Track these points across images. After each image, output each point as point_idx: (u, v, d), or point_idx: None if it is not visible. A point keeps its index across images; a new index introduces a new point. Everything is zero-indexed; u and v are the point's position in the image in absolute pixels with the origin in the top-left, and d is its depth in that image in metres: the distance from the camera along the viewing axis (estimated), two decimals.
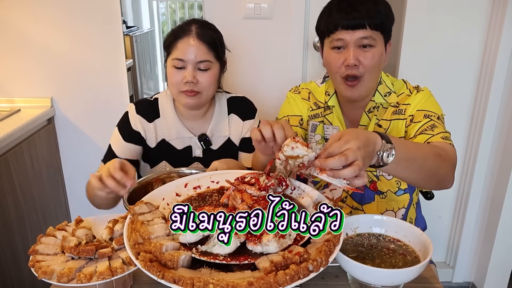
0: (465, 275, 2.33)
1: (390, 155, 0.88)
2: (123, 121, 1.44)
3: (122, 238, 0.86)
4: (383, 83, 1.29)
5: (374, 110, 1.29)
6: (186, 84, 1.32)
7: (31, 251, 0.91)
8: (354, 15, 1.15)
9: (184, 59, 1.31)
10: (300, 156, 0.88)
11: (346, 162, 0.79)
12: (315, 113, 1.37)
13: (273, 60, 2.06)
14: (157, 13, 4.00)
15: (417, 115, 1.22)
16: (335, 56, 1.21)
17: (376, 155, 0.87)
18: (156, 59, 3.99)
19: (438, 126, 1.17)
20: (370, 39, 1.17)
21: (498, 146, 2.06)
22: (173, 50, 1.33)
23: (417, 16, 1.92)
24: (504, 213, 2.05)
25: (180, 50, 1.31)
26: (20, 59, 2.05)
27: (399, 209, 1.33)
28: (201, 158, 1.47)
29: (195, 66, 1.32)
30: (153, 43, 3.91)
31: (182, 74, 1.32)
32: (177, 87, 1.34)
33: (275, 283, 0.70)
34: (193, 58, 1.31)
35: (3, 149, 1.76)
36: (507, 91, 1.97)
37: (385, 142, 0.88)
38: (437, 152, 1.02)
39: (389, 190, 1.30)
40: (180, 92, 1.34)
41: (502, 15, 1.85)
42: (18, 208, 1.86)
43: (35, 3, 1.96)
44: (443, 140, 1.12)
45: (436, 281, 0.96)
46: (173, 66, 1.33)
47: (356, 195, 1.34)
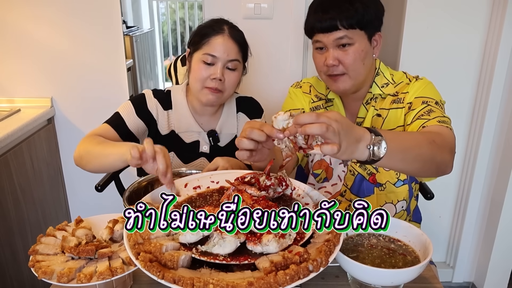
0: (465, 275, 2.33)
1: (381, 148, 0.86)
2: (139, 98, 1.44)
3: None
4: (381, 74, 1.31)
5: (372, 101, 1.31)
6: (213, 80, 1.33)
7: (31, 251, 0.91)
8: (325, 17, 1.18)
9: (216, 55, 1.32)
10: (285, 127, 0.86)
11: (316, 120, 0.78)
12: (316, 105, 1.39)
13: (273, 60, 2.06)
14: (157, 13, 4.00)
15: (415, 102, 1.22)
16: (317, 56, 1.27)
17: (367, 149, 0.86)
18: (156, 59, 4.00)
19: (435, 111, 1.15)
20: (346, 39, 1.19)
21: (498, 146, 2.06)
22: (204, 46, 1.34)
23: (417, 16, 1.92)
24: (504, 213, 2.05)
25: (213, 47, 1.32)
26: (20, 59, 2.05)
27: (398, 202, 1.33)
28: (207, 154, 1.48)
29: (224, 64, 1.34)
30: (153, 43, 3.91)
31: (211, 70, 1.33)
32: (202, 82, 1.34)
33: (275, 283, 0.70)
34: (225, 56, 1.32)
35: (3, 149, 1.76)
36: (507, 91, 1.97)
37: (375, 136, 0.86)
38: (430, 138, 1.00)
39: (388, 181, 1.30)
40: (204, 87, 1.35)
41: (502, 15, 1.85)
42: (18, 208, 1.86)
43: (35, 3, 1.97)
44: (439, 123, 1.10)
45: (436, 281, 0.96)
46: (202, 61, 1.33)
47: (354, 188, 1.34)
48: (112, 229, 0.96)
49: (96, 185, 1.56)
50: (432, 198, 1.51)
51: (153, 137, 1.43)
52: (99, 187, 1.56)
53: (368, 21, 1.20)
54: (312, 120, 0.78)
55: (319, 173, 1.38)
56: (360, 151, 0.85)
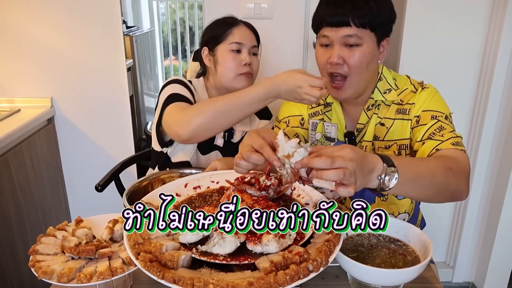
0: (465, 275, 2.33)
1: (392, 178, 0.84)
2: (178, 80, 1.48)
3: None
4: (384, 79, 1.25)
5: (373, 108, 1.26)
6: (244, 66, 1.45)
7: (31, 251, 0.91)
8: (338, 12, 1.11)
9: (242, 42, 1.45)
10: (290, 154, 0.85)
11: (331, 165, 0.76)
12: (314, 111, 1.35)
13: (273, 60, 2.06)
14: (157, 13, 3.99)
15: (424, 116, 1.18)
16: (321, 53, 1.19)
17: (377, 179, 0.84)
18: (156, 59, 3.99)
19: (446, 128, 1.13)
20: (355, 38, 1.12)
21: (498, 146, 2.06)
22: (227, 37, 1.46)
23: (417, 16, 1.92)
24: (504, 213, 2.05)
25: (238, 35, 1.46)
26: (20, 59, 2.05)
27: (399, 214, 1.31)
28: (221, 148, 1.53)
29: (250, 51, 1.47)
30: (153, 43, 3.91)
31: (239, 57, 1.45)
32: (235, 70, 1.45)
33: (275, 283, 0.70)
34: (249, 42, 1.47)
35: (3, 149, 1.76)
36: (507, 91, 1.97)
37: (387, 166, 0.85)
38: (447, 165, 0.98)
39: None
40: (237, 75, 1.46)
41: (502, 15, 1.85)
42: (18, 208, 1.86)
43: (35, 3, 1.97)
44: (454, 146, 1.07)
45: (436, 281, 0.96)
46: (230, 50, 1.45)
47: (355, 196, 1.32)
48: (112, 229, 0.96)
49: (96, 185, 1.56)
50: None
51: None
52: (99, 187, 1.56)
53: (380, 24, 1.14)
54: (327, 166, 0.77)
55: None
56: (372, 181, 0.85)
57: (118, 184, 1.67)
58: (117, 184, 1.67)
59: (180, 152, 1.48)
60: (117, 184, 1.67)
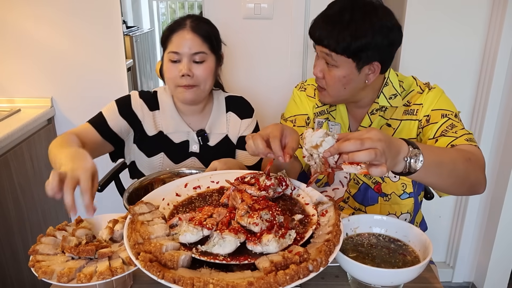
0: (465, 275, 2.33)
1: (418, 161, 0.86)
2: (124, 99, 1.44)
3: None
4: (390, 84, 1.25)
5: (378, 111, 1.26)
6: (182, 78, 1.33)
7: (31, 251, 0.91)
8: (321, 28, 1.15)
9: (179, 51, 1.32)
10: (318, 144, 0.86)
11: (361, 147, 0.78)
12: (320, 110, 1.36)
13: (273, 60, 2.06)
14: (157, 13, 3.99)
15: (434, 115, 1.19)
16: (315, 61, 1.23)
17: (404, 161, 0.86)
18: (156, 59, 3.99)
19: (457, 125, 1.14)
20: (331, 59, 1.15)
21: (498, 146, 2.06)
22: (168, 44, 1.35)
23: (417, 17, 1.92)
24: (504, 213, 2.06)
25: (175, 44, 1.33)
26: (20, 59, 2.05)
27: (401, 214, 1.31)
28: (197, 154, 1.47)
29: (190, 59, 1.33)
30: (153, 43, 3.90)
31: (178, 67, 1.33)
32: (174, 81, 1.35)
33: (275, 283, 0.70)
34: (188, 50, 1.32)
35: (3, 149, 1.76)
36: (507, 91, 1.97)
37: (412, 148, 0.86)
38: (466, 156, 0.99)
39: (394, 192, 1.29)
40: (177, 86, 1.35)
41: (502, 15, 1.85)
42: (18, 208, 1.86)
43: (35, 3, 1.97)
44: (468, 142, 1.09)
45: (436, 281, 0.96)
46: (169, 60, 1.34)
47: (358, 196, 1.33)
48: (112, 229, 0.96)
49: None
50: (432, 198, 1.51)
51: (139, 138, 1.44)
52: (99, 187, 1.55)
53: (357, 50, 1.11)
54: (357, 148, 0.78)
55: (321, 178, 1.37)
56: (399, 163, 0.86)
57: (118, 184, 1.67)
58: (117, 184, 1.67)
59: (146, 167, 1.45)
60: (117, 184, 1.67)
